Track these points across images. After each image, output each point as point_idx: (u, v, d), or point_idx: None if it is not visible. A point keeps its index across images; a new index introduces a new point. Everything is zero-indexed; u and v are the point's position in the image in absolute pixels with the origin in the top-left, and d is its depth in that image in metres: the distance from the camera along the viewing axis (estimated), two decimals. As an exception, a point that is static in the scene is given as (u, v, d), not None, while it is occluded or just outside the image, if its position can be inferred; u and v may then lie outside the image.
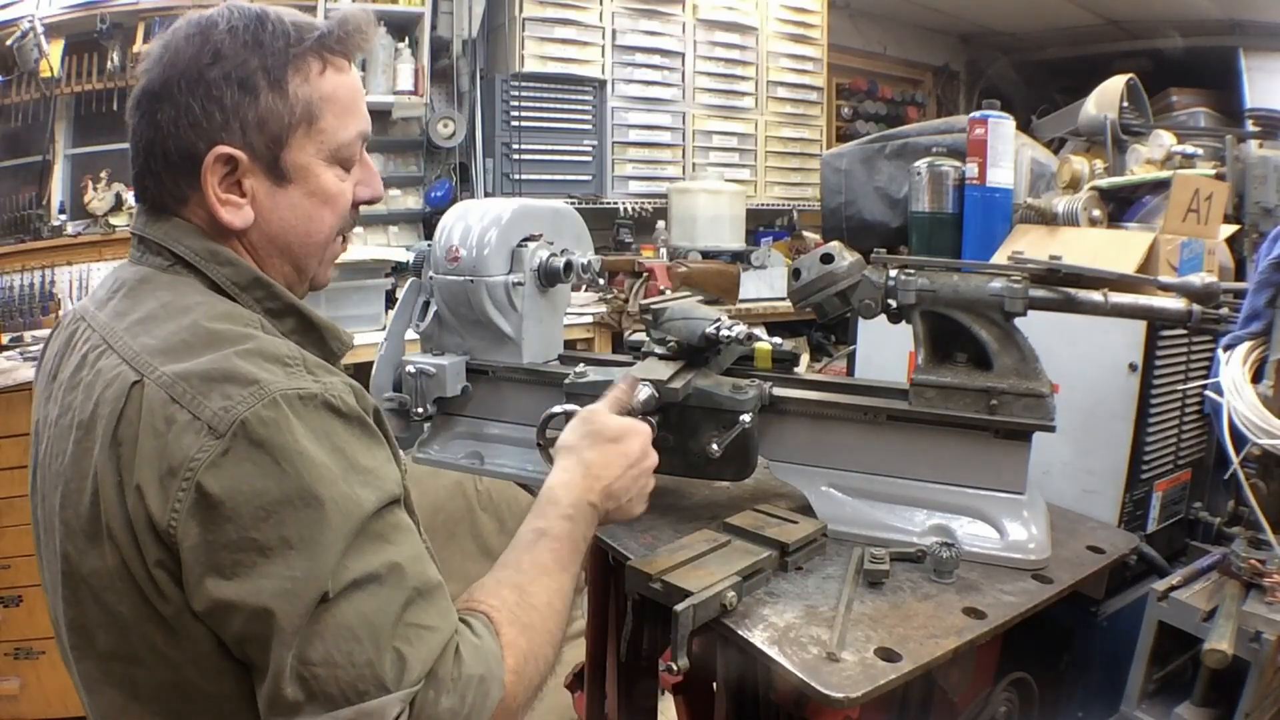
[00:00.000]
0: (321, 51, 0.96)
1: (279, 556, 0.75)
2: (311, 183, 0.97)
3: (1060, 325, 1.33)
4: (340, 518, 0.77)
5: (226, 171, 0.92)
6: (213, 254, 0.94)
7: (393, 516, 0.83)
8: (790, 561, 1.18)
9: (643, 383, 1.26)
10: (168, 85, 0.91)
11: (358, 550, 0.78)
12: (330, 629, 0.75)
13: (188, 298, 0.90)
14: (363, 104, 1.01)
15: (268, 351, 0.83)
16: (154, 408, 0.79)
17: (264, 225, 0.96)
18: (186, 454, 0.76)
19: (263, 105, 0.92)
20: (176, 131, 0.91)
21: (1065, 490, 1.52)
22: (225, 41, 0.91)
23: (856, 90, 5.74)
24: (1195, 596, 1.19)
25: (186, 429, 0.77)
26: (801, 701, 1.11)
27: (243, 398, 0.77)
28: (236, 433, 0.76)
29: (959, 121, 1.91)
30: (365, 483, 0.80)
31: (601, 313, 3.66)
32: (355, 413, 0.84)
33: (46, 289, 3.40)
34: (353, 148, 1.00)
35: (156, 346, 0.84)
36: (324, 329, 1.00)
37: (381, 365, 1.60)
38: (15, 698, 2.62)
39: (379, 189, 1.06)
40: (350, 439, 0.82)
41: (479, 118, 4.20)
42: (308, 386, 0.81)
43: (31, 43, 3.25)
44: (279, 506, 0.75)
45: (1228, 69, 4.36)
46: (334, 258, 1.07)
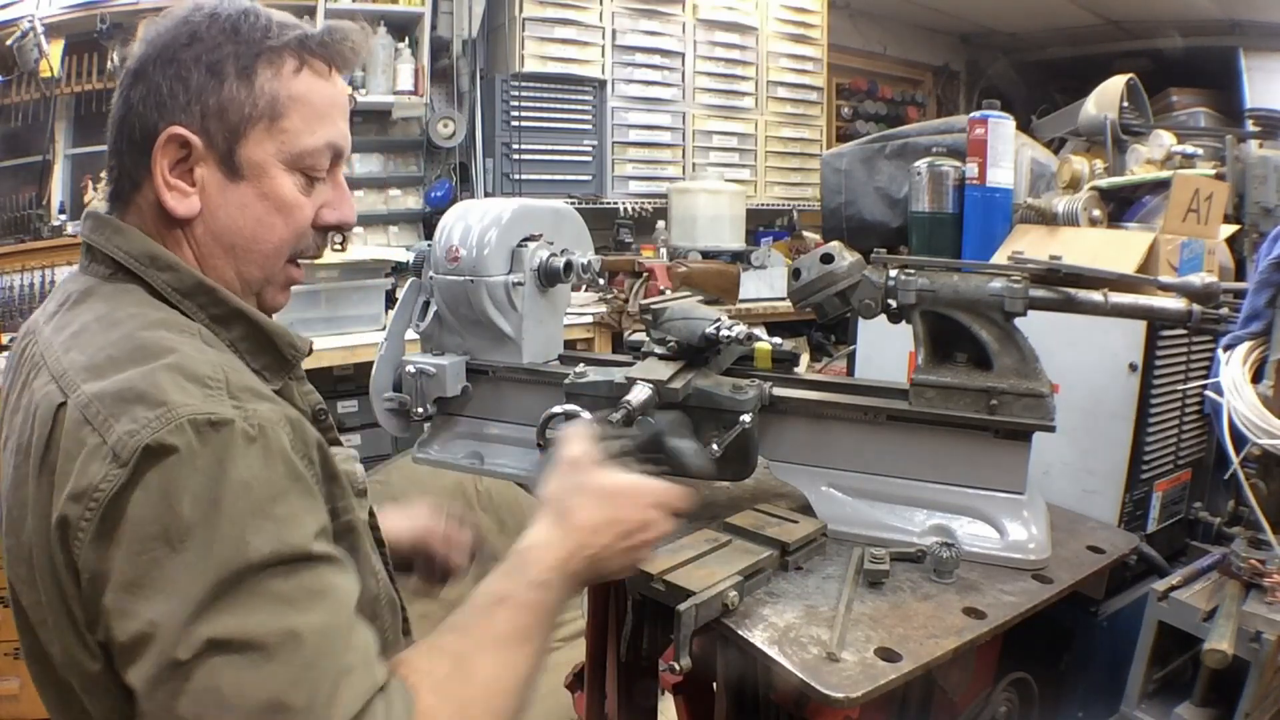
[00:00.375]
0: (300, 51, 0.92)
1: (141, 596, 0.69)
2: (265, 184, 0.92)
3: (1060, 325, 1.33)
4: (213, 564, 0.69)
5: (180, 157, 0.89)
6: (152, 259, 0.89)
7: (304, 577, 0.74)
8: (791, 561, 1.18)
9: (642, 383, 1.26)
10: (144, 64, 0.89)
11: (240, 604, 0.70)
12: (200, 690, 0.68)
13: (123, 309, 0.85)
14: (340, 119, 0.96)
15: (188, 369, 0.77)
16: (70, 430, 0.75)
17: (210, 219, 0.91)
18: (92, 481, 0.71)
19: (226, 91, 0.89)
20: (143, 110, 0.89)
21: (1065, 490, 1.52)
22: (204, 25, 0.90)
23: (856, 90, 5.74)
24: (1195, 596, 1.19)
25: (95, 454, 0.72)
26: (801, 701, 1.11)
27: (148, 421, 0.72)
28: (139, 461, 0.71)
29: (959, 121, 1.91)
30: (263, 530, 0.72)
31: (601, 313, 3.66)
32: (279, 448, 0.76)
33: (46, 289, 3.39)
34: (318, 157, 0.94)
35: (83, 363, 0.80)
36: (275, 335, 0.94)
37: (381, 365, 1.60)
38: (15, 698, 2.61)
39: (349, 215, 0.99)
40: (263, 477, 0.74)
41: (479, 118, 4.20)
42: (222, 412, 0.74)
43: (31, 43, 3.25)
44: (154, 543, 0.70)
45: (1228, 69, 4.36)
46: (288, 281, 1.00)
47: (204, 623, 0.69)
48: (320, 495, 0.81)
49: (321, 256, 1.02)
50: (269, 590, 0.71)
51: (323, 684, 0.71)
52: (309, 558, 0.75)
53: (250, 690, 0.69)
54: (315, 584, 0.74)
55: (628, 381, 1.29)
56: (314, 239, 0.98)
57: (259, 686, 0.69)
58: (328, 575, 0.76)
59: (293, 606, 0.72)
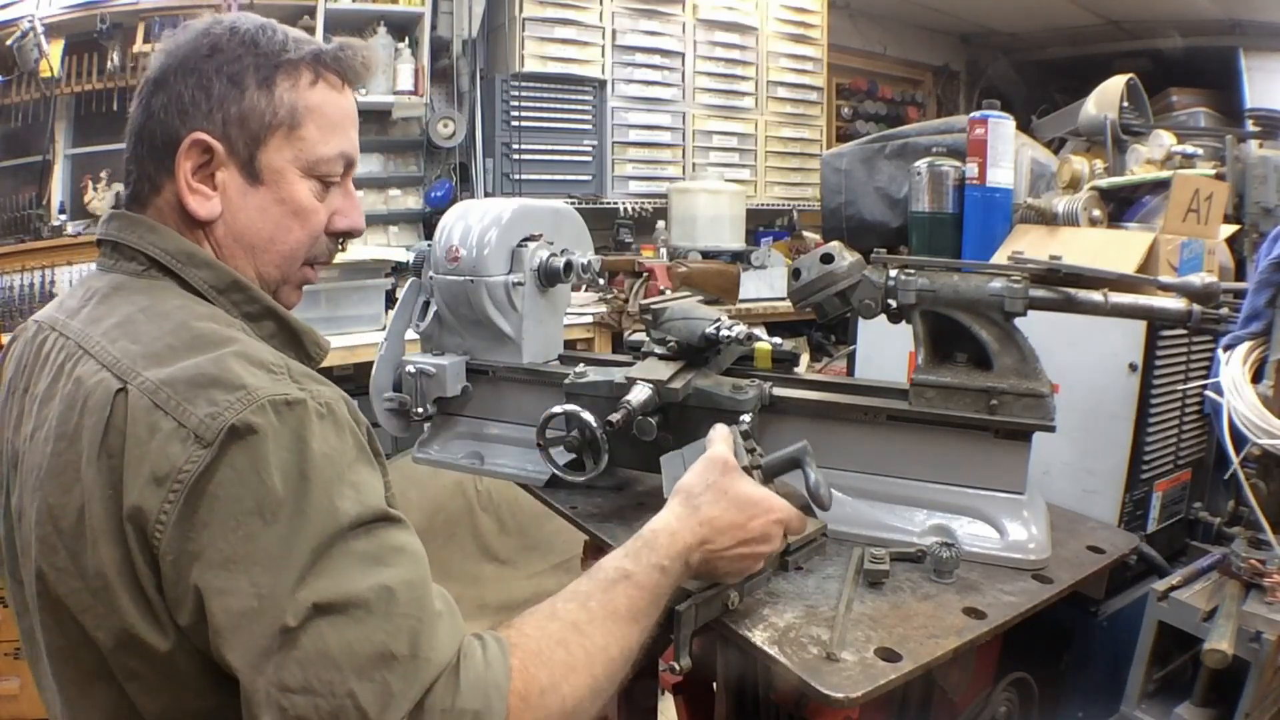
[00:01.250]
0: (316, 65, 0.97)
1: (243, 570, 0.72)
2: (284, 189, 0.96)
3: (1060, 325, 1.33)
4: (313, 531, 0.74)
5: (202, 162, 0.93)
6: (189, 256, 0.93)
7: (384, 535, 0.78)
8: (791, 561, 1.18)
9: (642, 383, 1.26)
10: (165, 73, 0.93)
11: (334, 566, 0.74)
12: (309, 654, 0.71)
13: (167, 302, 0.88)
14: (352, 130, 1.01)
15: (253, 356, 0.81)
16: (138, 415, 0.77)
17: (230, 221, 0.95)
18: (175, 464, 0.74)
19: (247, 101, 0.92)
20: (165, 117, 0.92)
21: (1065, 490, 1.52)
22: (224, 38, 0.93)
23: (856, 90, 5.74)
24: (1195, 596, 1.19)
25: (172, 437, 0.75)
26: (801, 701, 1.11)
27: (229, 403, 0.75)
28: (224, 441, 0.74)
29: (959, 121, 1.91)
30: (348, 496, 0.77)
31: (601, 313, 3.66)
32: (345, 422, 0.81)
33: (46, 289, 3.39)
34: (332, 165, 0.99)
35: (138, 351, 0.81)
36: (302, 333, 0.99)
37: (381, 365, 1.60)
38: (15, 698, 2.61)
39: (359, 222, 1.04)
40: (339, 448, 0.79)
41: (479, 118, 4.20)
42: (293, 393, 0.78)
43: (31, 43, 3.25)
44: (249, 518, 0.73)
45: (1228, 69, 4.36)
46: (301, 282, 1.04)
47: (306, 588, 0.72)
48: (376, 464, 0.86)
49: (332, 261, 1.07)
50: (357, 550, 0.75)
51: (421, 630, 0.75)
52: (385, 518, 0.79)
53: (358, 646, 0.72)
54: (394, 541, 0.79)
55: (628, 381, 1.29)
56: (326, 244, 1.03)
57: (365, 640, 0.72)
58: (401, 535, 0.80)
59: (380, 563, 0.76)
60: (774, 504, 1.02)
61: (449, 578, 2.89)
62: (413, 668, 0.73)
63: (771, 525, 1.02)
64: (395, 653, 0.73)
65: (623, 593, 0.90)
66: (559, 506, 1.42)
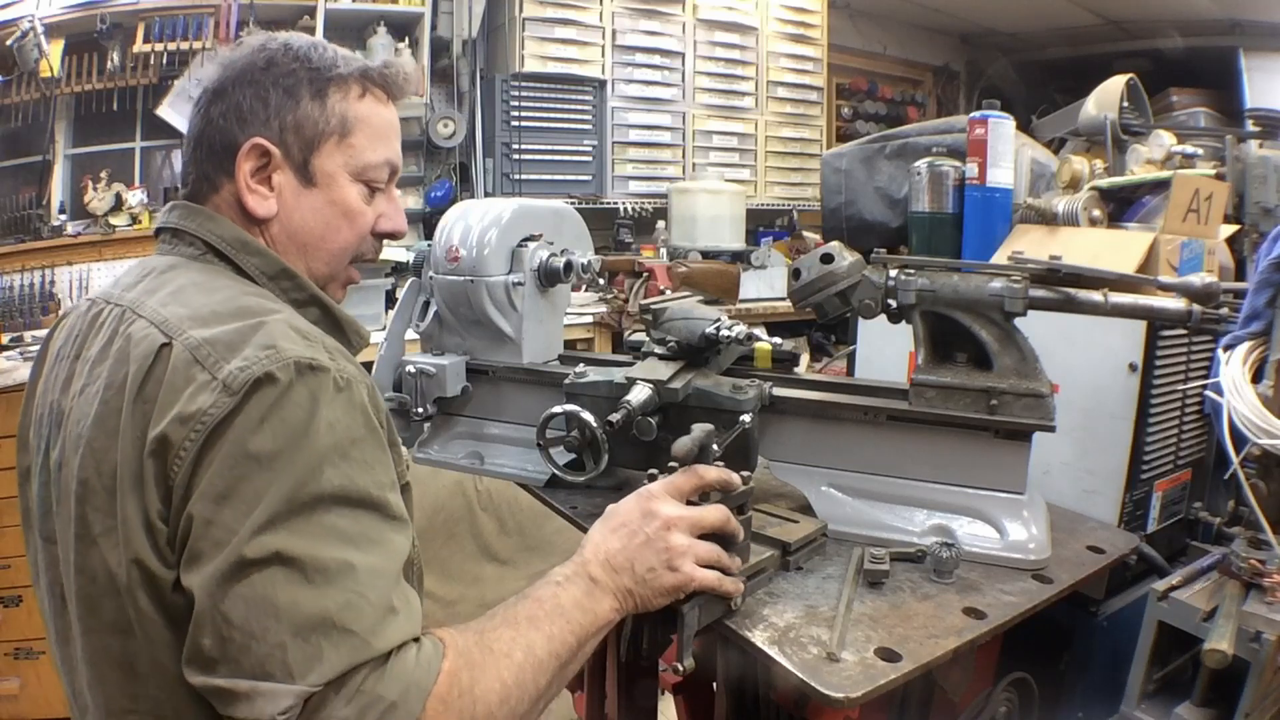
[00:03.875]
0: (364, 80, 1.05)
1: (229, 505, 0.77)
2: (335, 191, 1.04)
3: (1060, 325, 1.33)
4: (292, 484, 0.78)
5: (260, 165, 1.00)
6: (243, 244, 1.00)
7: (366, 522, 0.82)
8: (791, 561, 1.18)
9: (642, 383, 1.26)
10: (224, 84, 1.01)
11: (307, 529, 0.78)
12: (255, 595, 0.75)
13: (218, 279, 0.96)
14: (396, 140, 1.09)
15: (294, 324, 0.88)
16: (178, 367, 0.83)
17: (285, 220, 1.03)
18: (201, 407, 0.79)
19: (302, 110, 1.01)
20: (224, 124, 1.00)
21: (1065, 490, 1.52)
22: (280, 53, 1.02)
23: (856, 90, 5.74)
24: (1195, 596, 1.19)
25: (204, 388, 0.80)
26: (801, 701, 1.11)
27: (259, 358, 0.81)
28: (249, 390, 0.79)
29: (959, 121, 1.91)
30: (337, 467, 0.81)
31: (601, 313, 3.66)
32: (360, 402, 0.86)
33: (46, 289, 3.40)
34: (379, 172, 1.06)
35: (187, 314, 0.88)
36: (345, 322, 1.06)
37: (381, 365, 1.60)
38: (15, 697, 2.62)
39: (402, 224, 1.12)
40: (345, 423, 0.83)
41: (479, 118, 4.20)
42: (322, 360, 0.84)
43: (31, 43, 3.25)
44: (246, 460, 0.78)
45: (1228, 69, 4.36)
46: (347, 281, 1.12)
47: (272, 534, 0.76)
48: (389, 452, 0.90)
49: (377, 260, 1.14)
50: (334, 524, 0.80)
51: (370, 615, 0.78)
52: (373, 505, 0.83)
53: (304, 606, 0.76)
54: (374, 532, 0.83)
55: (628, 381, 1.29)
56: (372, 244, 1.10)
57: (311, 603, 0.76)
58: (385, 529, 0.84)
59: (352, 543, 0.80)
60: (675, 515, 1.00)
61: (449, 578, 2.89)
62: (347, 642, 0.76)
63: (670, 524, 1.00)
64: (336, 622, 0.76)
65: (522, 606, 0.94)
66: (559, 506, 1.42)
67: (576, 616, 0.95)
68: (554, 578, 0.98)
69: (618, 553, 0.99)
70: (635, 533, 1.00)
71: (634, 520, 1.01)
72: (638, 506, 1.02)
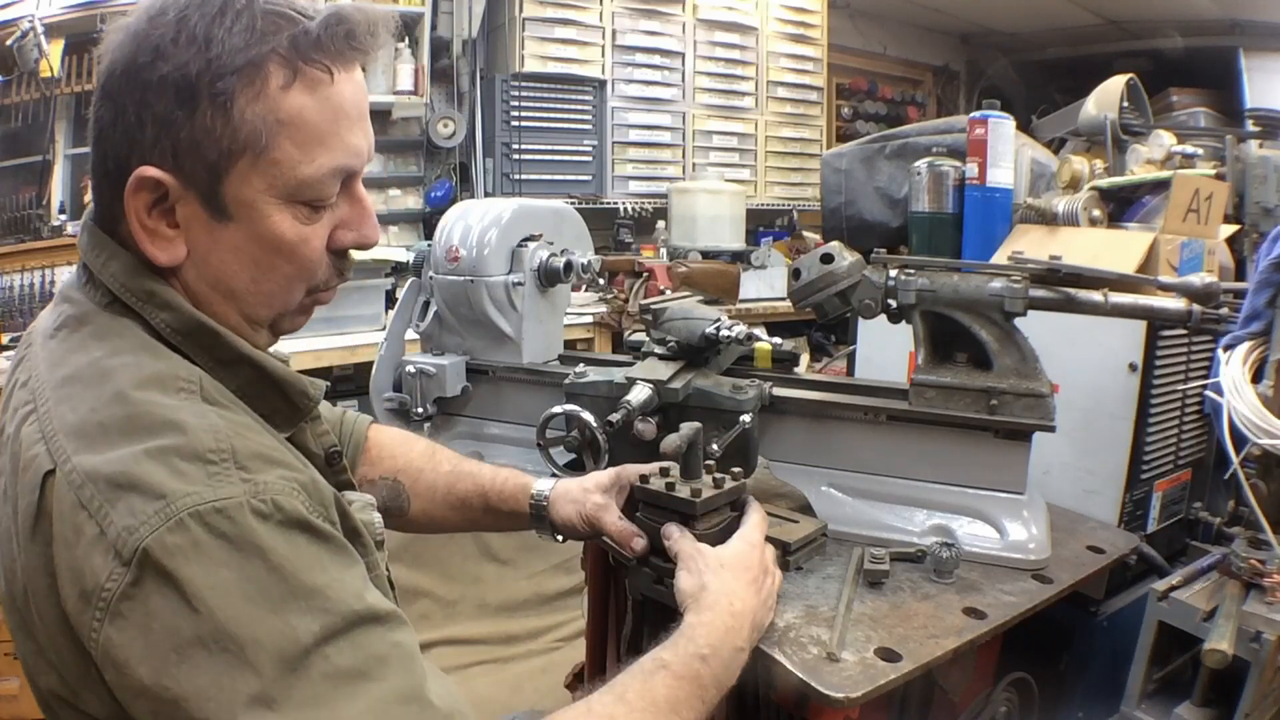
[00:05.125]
0: (292, 59, 0.76)
1: (195, 707, 0.63)
2: (259, 224, 0.79)
3: (1060, 325, 1.33)
4: (266, 659, 0.64)
5: (156, 198, 0.77)
6: (149, 294, 0.79)
7: (364, 641, 0.69)
8: (791, 561, 1.18)
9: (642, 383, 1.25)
10: (110, 78, 0.78)
11: (303, 697, 0.64)
12: None
13: (118, 354, 0.76)
14: (349, 131, 0.81)
15: (187, 448, 0.69)
16: (64, 512, 0.69)
17: (200, 265, 0.80)
18: (98, 579, 0.66)
19: (199, 123, 0.75)
20: (114, 135, 0.78)
21: (1065, 490, 1.52)
22: (169, 36, 0.74)
23: (856, 90, 5.74)
24: (1195, 596, 1.19)
25: (94, 546, 0.66)
26: (802, 701, 1.11)
27: (146, 517, 0.65)
28: (141, 561, 0.64)
29: (959, 121, 1.91)
30: (306, 609, 0.66)
31: (601, 313, 3.65)
32: (296, 518, 0.70)
33: (46, 289, 3.39)
34: (321, 187, 0.80)
35: (74, 425, 0.72)
36: (285, 382, 0.84)
37: (381, 365, 1.60)
38: (15, 698, 2.61)
39: (369, 234, 0.87)
40: (288, 554, 0.68)
41: (479, 118, 4.20)
42: (230, 495, 0.67)
43: (31, 43, 3.25)
44: (191, 650, 0.64)
45: (1228, 69, 4.36)
46: (307, 309, 0.89)
47: (276, 716, 0.63)
48: (351, 550, 0.75)
49: (347, 279, 0.89)
50: (334, 667, 0.66)
51: None
52: (362, 619, 0.69)
53: None
54: (377, 647, 0.69)
55: (628, 381, 1.29)
56: (331, 266, 0.86)
57: None
58: (386, 635, 0.71)
59: (365, 677, 0.67)
60: (751, 545, 1.03)
61: (449, 578, 2.88)
62: None
63: (762, 556, 1.04)
64: None
65: (661, 682, 0.85)
66: (559, 506, 1.42)
67: (712, 698, 0.88)
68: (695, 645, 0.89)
69: (755, 612, 0.98)
70: (761, 587, 1.01)
71: (758, 573, 1.01)
72: (760, 558, 1.03)
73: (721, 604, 0.95)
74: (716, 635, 0.92)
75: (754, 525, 1.07)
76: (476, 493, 1.24)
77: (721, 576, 0.97)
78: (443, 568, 3.02)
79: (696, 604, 0.95)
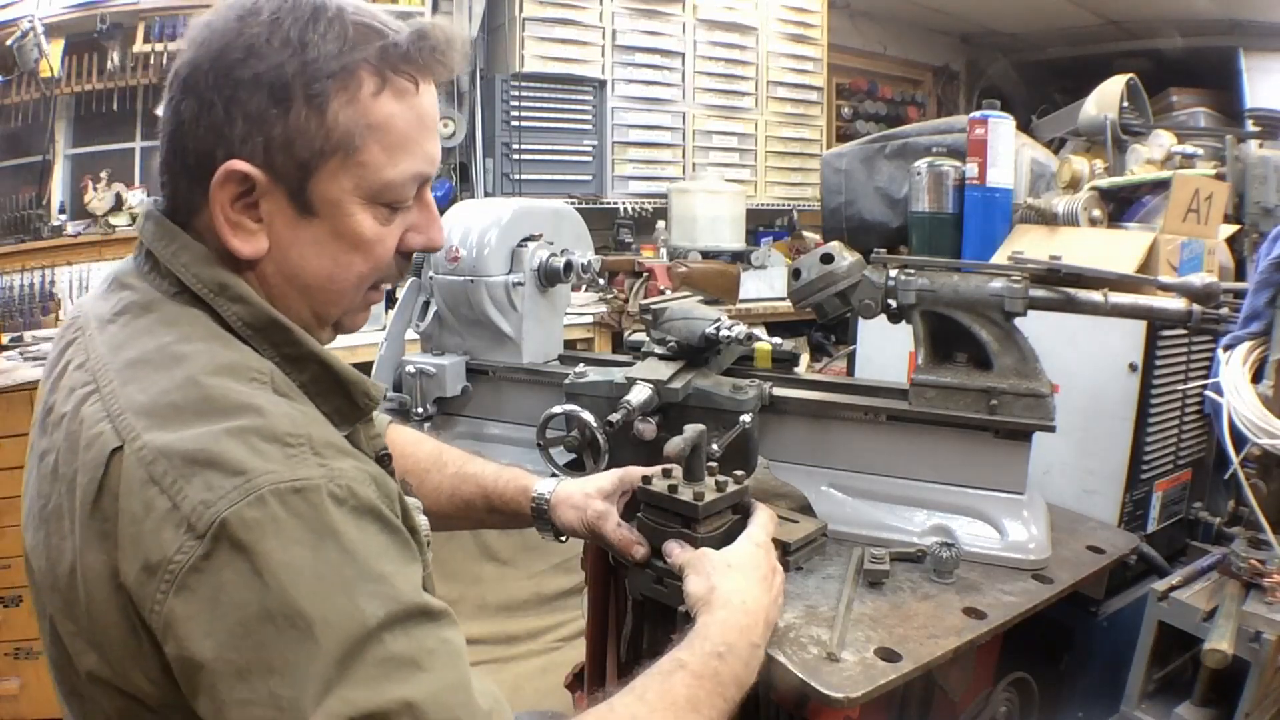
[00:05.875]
0: (382, 68, 0.80)
1: (259, 680, 0.64)
2: (342, 222, 0.82)
3: (1060, 325, 1.33)
4: (333, 638, 0.65)
5: (242, 191, 0.79)
6: (222, 287, 0.81)
7: (419, 634, 0.70)
8: (791, 561, 1.18)
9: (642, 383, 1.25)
10: (195, 74, 0.78)
11: (360, 677, 0.66)
12: None
13: (189, 341, 0.78)
14: (428, 139, 0.86)
15: (266, 429, 0.71)
16: (132, 487, 0.69)
17: (279, 259, 0.83)
18: (166, 552, 0.66)
19: (293, 122, 0.78)
20: (197, 130, 0.78)
21: (1065, 490, 1.52)
22: (263, 36, 0.77)
23: (856, 90, 5.74)
24: (1195, 596, 1.19)
25: (165, 520, 0.67)
26: (801, 701, 1.11)
27: (225, 491, 0.66)
28: (217, 534, 0.65)
29: (959, 121, 1.91)
30: (374, 593, 0.68)
31: (601, 313, 3.65)
32: (369, 506, 0.72)
33: (46, 289, 3.39)
34: (401, 190, 0.84)
35: (143, 405, 0.73)
36: (350, 383, 0.86)
37: (381, 365, 1.60)
38: (15, 698, 2.61)
39: (437, 238, 0.91)
40: (360, 539, 0.70)
41: (479, 118, 4.20)
42: (309, 476, 0.69)
43: (31, 43, 3.25)
44: (259, 624, 0.65)
45: (1228, 69, 4.36)
46: (365, 306, 0.92)
47: (335, 698, 0.64)
48: (413, 545, 0.77)
49: (405, 279, 0.97)
50: (390, 653, 0.68)
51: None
52: (420, 612, 0.71)
53: None
54: (430, 641, 0.71)
55: (628, 381, 1.29)
56: (397, 265, 0.90)
57: None
58: (439, 631, 0.73)
59: (417, 666, 0.68)
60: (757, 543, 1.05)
61: (449, 578, 2.88)
62: None
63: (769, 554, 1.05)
64: None
65: (680, 682, 0.85)
66: (559, 506, 1.42)
67: (733, 695, 0.89)
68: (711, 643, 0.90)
69: (768, 610, 0.98)
70: (771, 584, 1.01)
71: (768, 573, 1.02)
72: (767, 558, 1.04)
73: (734, 602, 0.95)
74: (732, 633, 0.92)
75: (760, 526, 1.07)
76: (479, 494, 1.26)
77: (731, 576, 0.98)
78: (443, 568, 3.02)
79: (708, 605, 0.95)
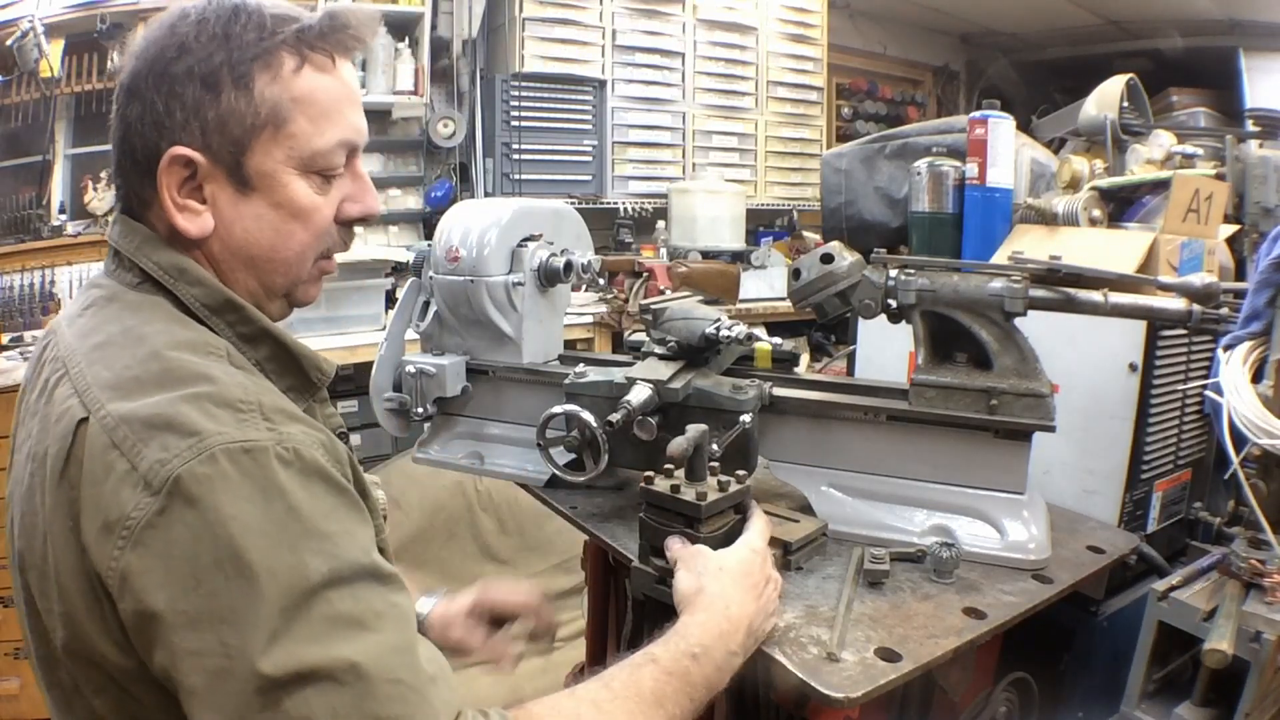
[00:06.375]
0: (299, 47, 0.89)
1: (208, 629, 0.68)
2: (279, 193, 0.90)
3: (1060, 325, 1.33)
4: (277, 589, 0.69)
5: (186, 175, 0.87)
6: (180, 271, 0.88)
7: (366, 594, 0.73)
8: (791, 561, 1.18)
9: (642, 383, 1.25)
10: (136, 80, 0.87)
11: (304, 632, 0.69)
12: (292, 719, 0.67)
13: (150, 323, 0.84)
14: (351, 110, 0.93)
15: (219, 396, 0.76)
16: (95, 452, 0.74)
17: (225, 235, 0.90)
18: (124, 510, 0.71)
19: (224, 104, 0.86)
20: (142, 129, 0.87)
21: (1065, 490, 1.52)
22: (192, 34, 0.86)
23: (856, 90, 5.75)
24: (1195, 596, 1.19)
25: (124, 481, 0.72)
26: (801, 701, 1.11)
27: (179, 450, 0.71)
28: (171, 490, 0.70)
29: (959, 121, 1.91)
30: (318, 550, 0.72)
31: (601, 313, 3.66)
32: (316, 467, 0.76)
33: (46, 289, 3.40)
34: (331, 157, 0.92)
35: (108, 379, 0.79)
36: (302, 357, 0.94)
37: (381, 365, 1.60)
38: (15, 698, 2.62)
39: (371, 205, 0.97)
40: (306, 498, 0.73)
41: (479, 118, 4.20)
42: (257, 438, 0.73)
43: (31, 43, 3.25)
44: (210, 573, 0.68)
45: (1228, 69, 4.36)
46: (317, 277, 0.99)
47: (280, 649, 0.68)
48: (364, 508, 0.81)
49: (350, 248, 1.01)
50: (338, 612, 0.71)
51: (412, 695, 0.71)
52: (367, 573, 0.74)
53: (347, 713, 0.68)
54: (378, 602, 0.74)
55: (628, 381, 1.29)
56: (339, 234, 0.97)
57: (355, 708, 0.68)
58: (386, 594, 0.75)
59: (362, 625, 0.72)
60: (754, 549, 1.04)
61: (449, 578, 2.88)
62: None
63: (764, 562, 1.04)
64: (389, 718, 0.69)
65: (648, 675, 0.87)
66: (559, 506, 1.42)
67: (701, 698, 0.89)
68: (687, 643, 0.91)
69: (753, 618, 0.97)
70: (760, 594, 1.00)
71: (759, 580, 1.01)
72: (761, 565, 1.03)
73: (717, 606, 0.95)
74: (710, 636, 0.93)
75: (757, 532, 1.07)
76: None
77: (720, 580, 0.98)
78: (443, 568, 3.02)
79: (692, 605, 0.96)
